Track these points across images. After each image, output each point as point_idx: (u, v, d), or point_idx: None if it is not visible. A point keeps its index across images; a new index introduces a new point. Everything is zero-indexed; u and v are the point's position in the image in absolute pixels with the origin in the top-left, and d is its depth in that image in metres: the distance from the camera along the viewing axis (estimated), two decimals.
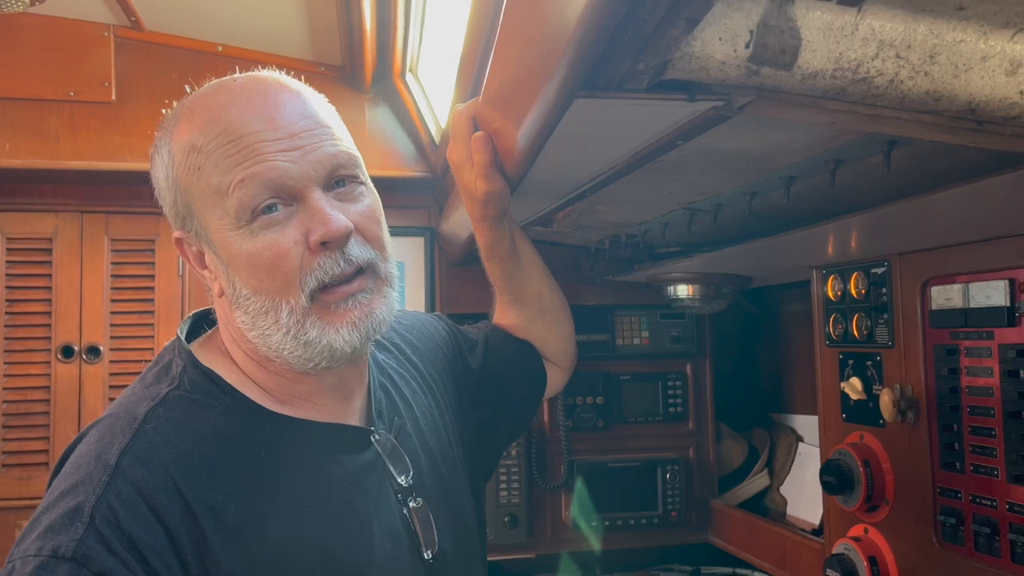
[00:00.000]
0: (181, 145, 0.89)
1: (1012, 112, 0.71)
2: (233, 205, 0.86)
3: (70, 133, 2.12)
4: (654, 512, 2.12)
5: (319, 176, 0.89)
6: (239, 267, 0.88)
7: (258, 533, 0.85)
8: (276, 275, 0.87)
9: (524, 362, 1.33)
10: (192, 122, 0.90)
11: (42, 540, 0.77)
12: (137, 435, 0.85)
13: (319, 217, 0.87)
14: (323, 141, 0.90)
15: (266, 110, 0.88)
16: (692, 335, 2.20)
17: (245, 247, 0.87)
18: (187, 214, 0.91)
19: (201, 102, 0.91)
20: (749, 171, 1.06)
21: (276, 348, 0.89)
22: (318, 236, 0.87)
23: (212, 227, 0.89)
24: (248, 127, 0.87)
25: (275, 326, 0.88)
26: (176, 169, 0.90)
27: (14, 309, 2.13)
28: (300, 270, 0.87)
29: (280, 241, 0.87)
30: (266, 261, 0.87)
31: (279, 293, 0.88)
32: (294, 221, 0.88)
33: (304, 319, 0.88)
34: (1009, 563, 1.08)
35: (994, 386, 1.11)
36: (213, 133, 0.87)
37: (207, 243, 0.91)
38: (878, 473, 1.31)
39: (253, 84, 0.92)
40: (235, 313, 0.91)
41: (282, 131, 0.88)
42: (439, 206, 2.25)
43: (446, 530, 1.02)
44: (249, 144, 0.86)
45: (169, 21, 2.14)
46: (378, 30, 1.96)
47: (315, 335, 0.89)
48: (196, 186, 0.89)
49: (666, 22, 0.59)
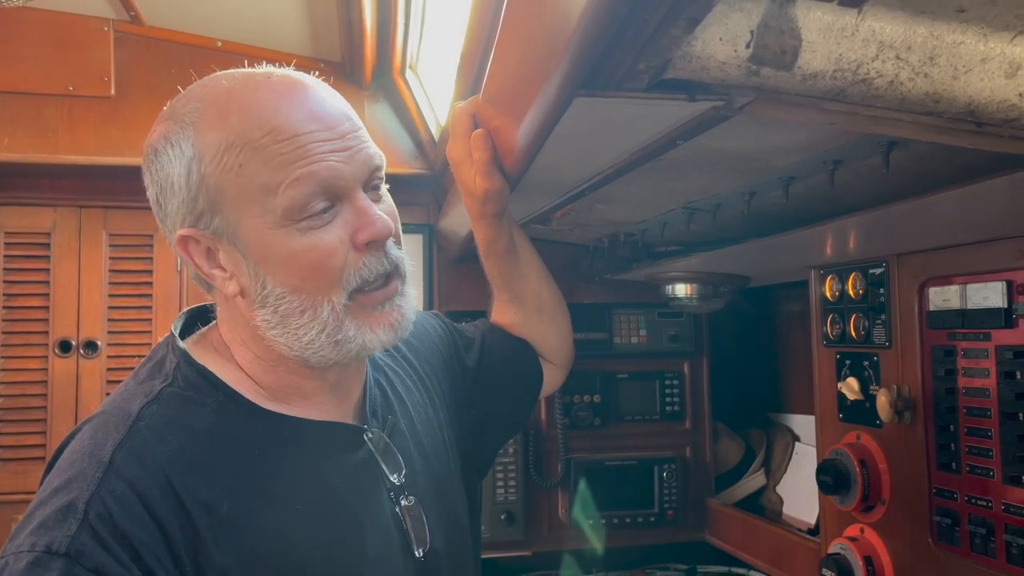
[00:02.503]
0: (215, 140, 0.86)
1: (1011, 114, 0.71)
2: (282, 203, 0.85)
3: (69, 127, 2.11)
4: (651, 510, 2.12)
5: (363, 177, 0.90)
6: (276, 266, 0.87)
7: (251, 530, 0.85)
8: (321, 274, 0.87)
9: (521, 360, 1.33)
10: (227, 118, 0.87)
11: (35, 536, 0.77)
12: (131, 432, 0.85)
13: (366, 218, 0.88)
14: (365, 142, 0.91)
15: (314, 109, 0.88)
16: (690, 334, 2.20)
17: (288, 245, 0.86)
18: (208, 211, 0.88)
19: (236, 98, 0.88)
20: (748, 171, 1.06)
21: (305, 345, 0.89)
22: (367, 236, 0.88)
23: (246, 225, 0.87)
24: (302, 126, 0.86)
25: (312, 323, 0.88)
26: (205, 165, 0.86)
27: (12, 303, 2.13)
28: (344, 269, 0.88)
29: (326, 239, 0.87)
30: (312, 260, 0.87)
31: (322, 291, 0.88)
32: (339, 220, 0.88)
33: (343, 318, 0.89)
34: (1004, 564, 1.08)
35: (991, 387, 1.11)
36: (263, 130, 0.85)
37: (231, 241, 0.89)
38: (874, 473, 1.32)
39: (291, 82, 0.90)
40: (257, 312, 0.90)
41: (334, 131, 0.88)
42: (438, 203, 2.25)
43: (438, 528, 1.03)
44: (304, 143, 0.85)
45: (169, 16, 2.14)
46: (378, 26, 1.96)
47: (352, 334, 0.90)
48: (233, 183, 0.86)
49: (667, 22, 0.60)
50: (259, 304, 0.90)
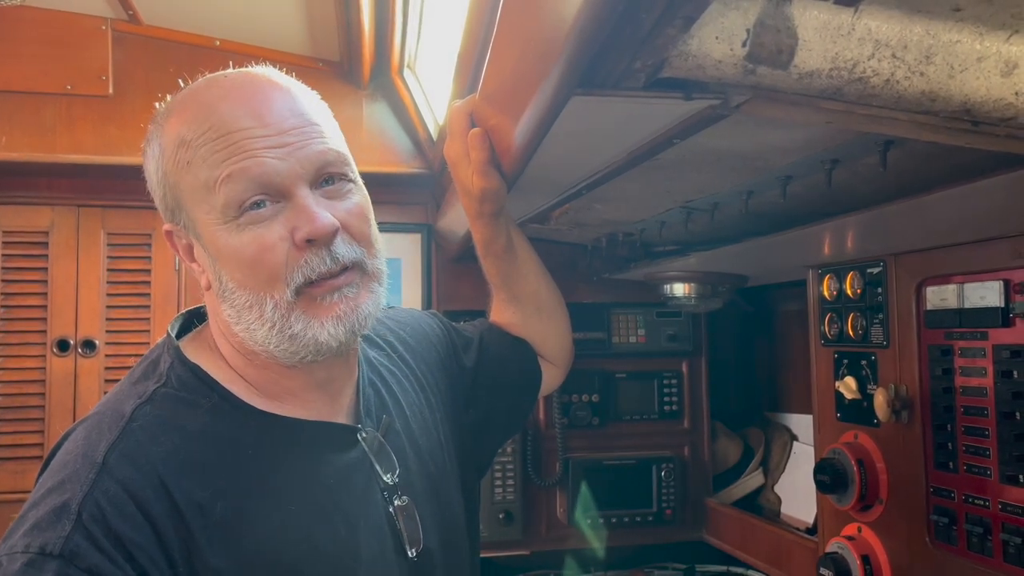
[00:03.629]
0: (171, 139, 0.90)
1: (1007, 113, 0.71)
2: (220, 200, 0.86)
3: (67, 126, 2.11)
4: (649, 510, 2.12)
5: (307, 174, 0.89)
6: (225, 261, 0.89)
7: (245, 531, 0.85)
8: (260, 269, 0.87)
9: (519, 360, 1.33)
10: (182, 116, 0.90)
11: (29, 537, 0.77)
12: (124, 432, 0.85)
13: (305, 215, 0.87)
14: (312, 139, 0.90)
15: (255, 106, 0.89)
16: (688, 334, 2.20)
17: (231, 241, 0.87)
18: (176, 207, 0.91)
19: (191, 97, 0.91)
20: (746, 170, 1.06)
21: (262, 342, 0.90)
22: (303, 233, 0.87)
23: (200, 221, 0.89)
24: (237, 123, 0.87)
25: (259, 320, 0.89)
26: (166, 163, 0.90)
27: (10, 303, 2.13)
28: (285, 265, 0.87)
29: (265, 236, 0.87)
30: (250, 255, 0.87)
31: (263, 287, 0.88)
32: (280, 218, 0.88)
33: (289, 313, 0.88)
34: (1001, 563, 1.08)
35: (988, 386, 1.11)
36: (202, 128, 0.87)
37: (196, 236, 0.92)
38: (872, 472, 1.32)
39: (243, 80, 0.92)
40: (221, 307, 0.91)
41: (271, 128, 0.88)
42: (436, 203, 2.25)
43: (432, 528, 1.03)
44: (237, 140, 0.86)
45: (167, 15, 2.14)
46: (376, 26, 1.96)
47: (300, 329, 0.89)
48: (185, 180, 0.89)
49: (663, 21, 0.60)
50: (221, 299, 0.91)
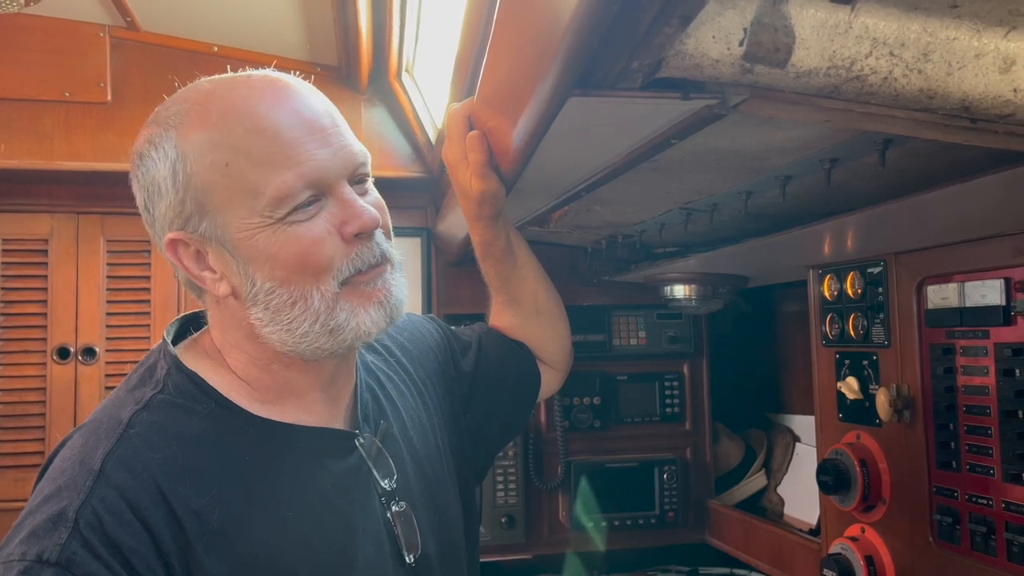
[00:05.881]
0: (197, 142, 0.87)
1: (1005, 110, 0.71)
2: (269, 201, 0.86)
3: (66, 134, 2.11)
4: (651, 512, 2.11)
5: (348, 172, 0.91)
6: (264, 262, 0.88)
7: (242, 538, 0.85)
8: (308, 264, 0.88)
9: (518, 364, 1.33)
10: (208, 119, 0.87)
11: (26, 544, 0.77)
12: (121, 440, 0.84)
13: (353, 210, 0.89)
14: (347, 138, 0.92)
15: (296, 106, 0.89)
16: (689, 335, 2.20)
17: (274, 240, 0.87)
18: (196, 212, 0.88)
19: (214, 98, 0.89)
20: (745, 170, 1.06)
21: (299, 338, 0.89)
22: (355, 227, 0.89)
23: (233, 225, 0.87)
24: (283, 123, 0.87)
25: (304, 315, 0.89)
26: (191, 166, 0.87)
27: (10, 310, 2.13)
28: (334, 259, 0.89)
29: (313, 230, 0.88)
30: (298, 251, 0.87)
31: (310, 281, 0.88)
32: (324, 213, 0.89)
33: (335, 304, 0.89)
34: (1005, 562, 1.08)
35: (990, 385, 1.11)
36: (243, 129, 0.86)
37: (219, 242, 0.89)
38: (874, 473, 1.31)
39: (272, 82, 0.91)
40: (250, 311, 0.90)
41: (315, 127, 0.89)
42: (435, 206, 2.25)
43: (430, 534, 1.02)
44: (287, 140, 0.86)
45: (165, 22, 2.14)
46: (374, 30, 1.96)
47: (344, 319, 0.90)
48: (220, 183, 0.87)
49: (660, 20, 0.59)
50: (251, 302, 0.90)
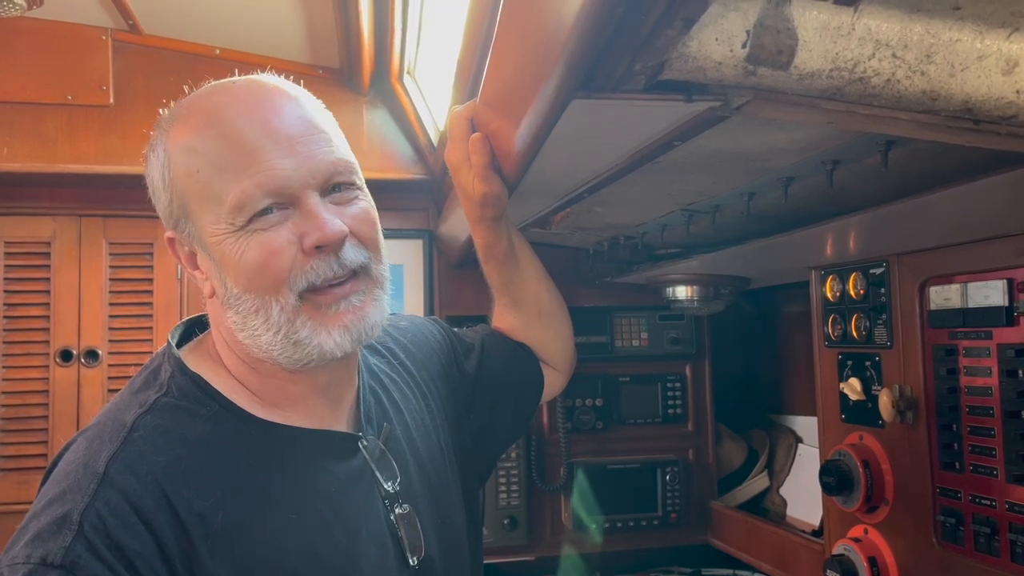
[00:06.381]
0: (178, 146, 0.90)
1: (1008, 111, 0.71)
2: (229, 209, 0.86)
3: (68, 137, 2.11)
4: (654, 514, 2.11)
5: (316, 182, 0.89)
6: (231, 267, 0.88)
7: (246, 540, 0.85)
8: (266, 273, 0.87)
9: (521, 366, 1.33)
10: (188, 123, 0.90)
11: (30, 548, 0.77)
12: (125, 443, 0.85)
13: (315, 222, 0.88)
14: (321, 147, 0.90)
15: (264, 114, 0.89)
16: (691, 336, 2.20)
17: (238, 247, 0.87)
18: (182, 215, 0.91)
19: (198, 104, 0.91)
20: (747, 172, 1.06)
21: (266, 348, 0.90)
22: (313, 240, 0.87)
23: (206, 229, 0.89)
24: (247, 131, 0.87)
25: (265, 325, 0.89)
26: (173, 170, 0.90)
27: (12, 313, 2.13)
28: (291, 270, 0.88)
29: (273, 240, 0.87)
30: (257, 259, 0.87)
31: (268, 291, 0.88)
32: (288, 223, 0.88)
33: (295, 318, 0.89)
34: (1009, 563, 1.08)
35: (993, 386, 1.11)
36: (211, 135, 0.88)
37: (200, 244, 0.91)
38: (877, 474, 1.31)
39: (251, 87, 0.92)
40: (226, 313, 0.91)
41: (281, 136, 0.88)
42: (437, 208, 2.25)
43: (433, 535, 1.02)
44: (249, 149, 0.87)
45: (167, 24, 2.14)
46: (376, 33, 1.96)
47: (306, 335, 0.89)
48: (193, 188, 0.89)
49: (663, 23, 0.60)
50: (226, 305, 0.91)
